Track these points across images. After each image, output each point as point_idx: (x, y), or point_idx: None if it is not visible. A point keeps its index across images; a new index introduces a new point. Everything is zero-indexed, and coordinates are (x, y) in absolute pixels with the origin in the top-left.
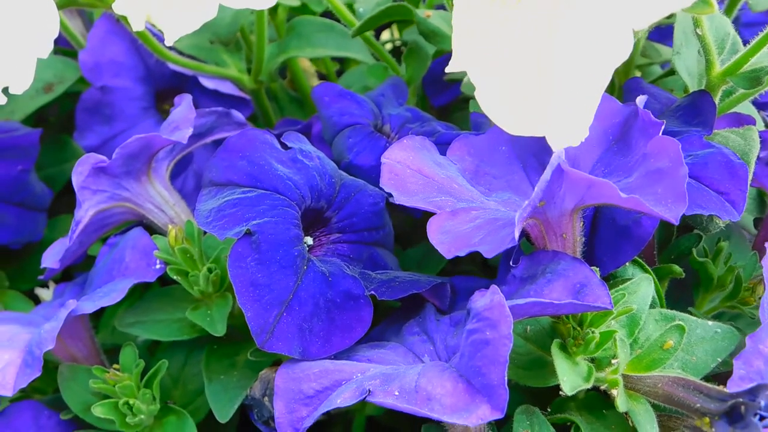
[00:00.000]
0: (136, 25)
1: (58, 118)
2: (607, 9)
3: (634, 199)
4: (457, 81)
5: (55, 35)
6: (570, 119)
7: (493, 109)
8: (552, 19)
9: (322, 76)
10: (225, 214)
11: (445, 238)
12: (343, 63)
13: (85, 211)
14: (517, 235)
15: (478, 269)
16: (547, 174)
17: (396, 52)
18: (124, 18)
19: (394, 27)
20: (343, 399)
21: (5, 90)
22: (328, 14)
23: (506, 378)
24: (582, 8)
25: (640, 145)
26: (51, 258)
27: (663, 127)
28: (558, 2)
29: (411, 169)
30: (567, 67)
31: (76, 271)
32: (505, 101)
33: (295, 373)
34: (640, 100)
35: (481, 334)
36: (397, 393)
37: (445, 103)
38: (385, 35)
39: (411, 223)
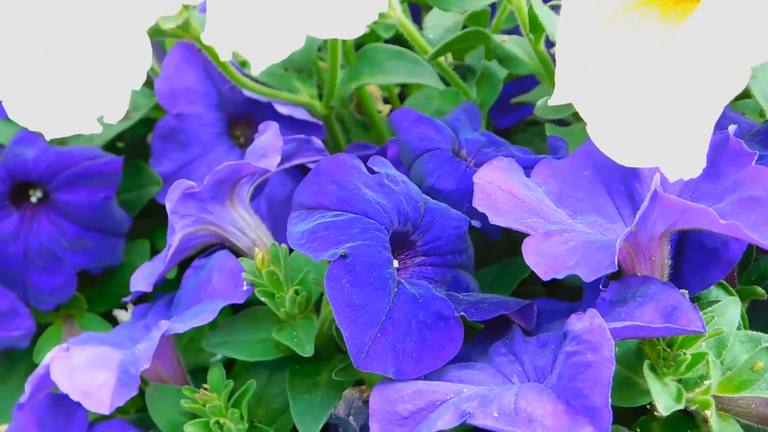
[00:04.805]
0: (224, 56)
1: (128, 144)
2: (726, 42)
3: (733, 226)
4: (522, 104)
5: (148, 67)
6: (686, 150)
7: (605, 142)
8: (669, 46)
9: (385, 100)
10: (318, 236)
11: (542, 259)
12: (404, 86)
13: (175, 236)
14: (616, 261)
15: (545, 290)
16: (646, 202)
17: None
18: (207, 48)
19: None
20: (444, 422)
21: (99, 119)
22: (392, 40)
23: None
24: (702, 39)
25: (730, 173)
26: (141, 281)
27: (756, 157)
28: (675, 31)
29: (502, 190)
30: (683, 98)
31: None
32: (618, 133)
33: (389, 395)
34: (732, 128)
35: (582, 357)
36: (496, 415)
37: (509, 125)
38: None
39: (481, 245)
